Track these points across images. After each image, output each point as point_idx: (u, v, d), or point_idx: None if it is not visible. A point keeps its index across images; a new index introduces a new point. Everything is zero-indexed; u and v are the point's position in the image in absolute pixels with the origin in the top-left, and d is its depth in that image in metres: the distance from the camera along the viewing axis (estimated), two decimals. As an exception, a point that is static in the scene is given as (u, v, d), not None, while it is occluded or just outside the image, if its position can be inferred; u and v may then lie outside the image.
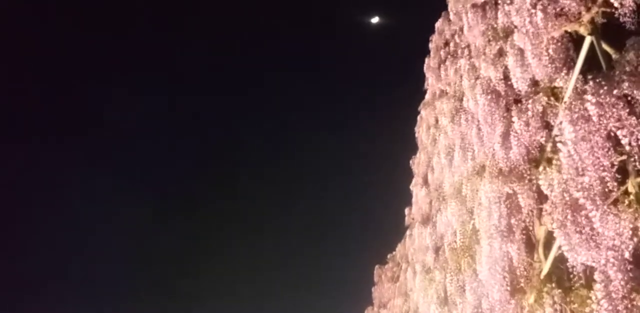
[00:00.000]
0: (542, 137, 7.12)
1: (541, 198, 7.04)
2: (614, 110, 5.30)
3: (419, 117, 15.06)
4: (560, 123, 5.76)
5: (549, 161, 6.70)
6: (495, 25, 8.78)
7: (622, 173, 5.47)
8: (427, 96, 14.32)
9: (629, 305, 5.01)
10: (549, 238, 7.22)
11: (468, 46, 10.73)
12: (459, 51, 11.53)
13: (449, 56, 12.31)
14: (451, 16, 12.50)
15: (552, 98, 7.00)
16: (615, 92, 5.34)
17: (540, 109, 7.10)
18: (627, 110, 5.30)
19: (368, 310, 20.30)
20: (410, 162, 15.80)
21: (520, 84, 7.25)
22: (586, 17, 6.33)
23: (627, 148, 5.23)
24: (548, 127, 7.13)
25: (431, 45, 13.93)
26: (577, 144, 5.38)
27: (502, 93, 8.16)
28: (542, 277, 7.26)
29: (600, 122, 5.32)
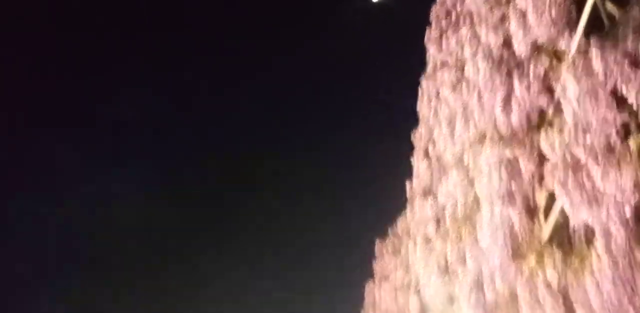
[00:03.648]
0: (543, 100, 7.07)
1: (542, 162, 7.02)
2: (618, 66, 5.25)
3: (419, 90, 14.96)
4: (564, 80, 5.71)
5: (551, 124, 6.66)
6: (497, -10, 8.68)
7: (625, 130, 5.44)
8: (428, 68, 14.21)
9: (630, 260, 5.02)
10: (550, 203, 7.22)
11: (470, 14, 10.61)
12: (461, 20, 11.41)
13: (451, 26, 12.18)
14: (453, -15, 12.36)
15: (554, 61, 6.93)
16: (619, 47, 5.29)
17: (542, 72, 7.04)
18: (631, 66, 5.25)
19: (368, 284, 20.42)
20: (411, 135, 15.76)
21: (521, 48, 7.18)
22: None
23: (631, 104, 5.19)
24: (550, 90, 7.07)
25: (432, 16, 13.78)
26: (580, 100, 5.35)
27: (504, 59, 8.09)
28: (543, 241, 7.27)
29: (604, 78, 5.28)
